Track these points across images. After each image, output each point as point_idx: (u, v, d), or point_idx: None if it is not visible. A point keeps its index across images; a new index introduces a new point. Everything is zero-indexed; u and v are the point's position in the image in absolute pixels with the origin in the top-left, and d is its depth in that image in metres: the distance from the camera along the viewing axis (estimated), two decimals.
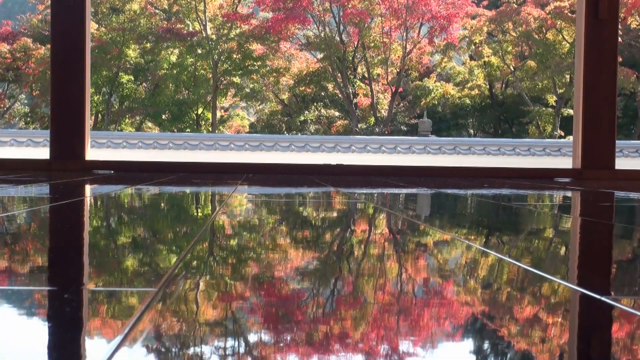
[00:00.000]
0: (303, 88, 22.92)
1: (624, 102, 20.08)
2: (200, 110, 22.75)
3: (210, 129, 22.18)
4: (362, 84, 22.36)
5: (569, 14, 18.79)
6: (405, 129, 22.04)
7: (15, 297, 0.96)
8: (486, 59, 21.88)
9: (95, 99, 21.37)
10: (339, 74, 22.06)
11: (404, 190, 3.55)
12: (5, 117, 23.04)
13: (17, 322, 0.85)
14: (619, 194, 3.46)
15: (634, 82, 19.49)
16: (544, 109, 21.92)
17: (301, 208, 2.59)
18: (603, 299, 0.98)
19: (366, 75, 22.08)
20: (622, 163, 4.89)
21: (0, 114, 22.82)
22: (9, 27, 23.23)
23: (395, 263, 1.40)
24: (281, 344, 0.76)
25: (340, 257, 1.48)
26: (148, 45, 22.05)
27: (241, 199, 2.83)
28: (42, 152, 5.00)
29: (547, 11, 19.65)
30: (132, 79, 22.41)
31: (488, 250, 1.53)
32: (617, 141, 4.82)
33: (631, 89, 19.76)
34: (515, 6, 20.35)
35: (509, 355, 0.75)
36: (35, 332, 0.81)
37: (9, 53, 21.79)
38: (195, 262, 1.28)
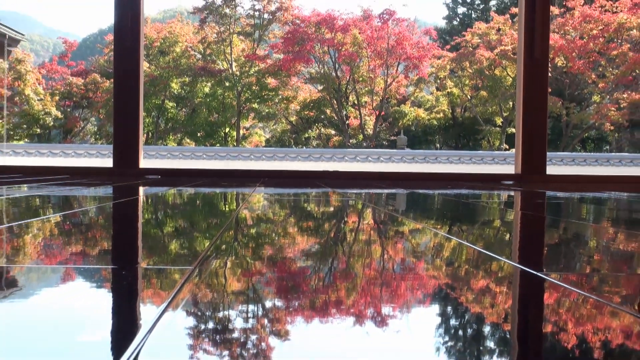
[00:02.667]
0: (307, 112, 22.92)
1: (552, 123, 20.06)
2: (227, 129, 22.76)
3: (235, 143, 22.19)
4: (352, 109, 22.35)
5: (512, 55, 18.80)
6: (386, 143, 22.03)
7: (88, 273, 0.96)
8: (449, 90, 21.90)
9: (147, 120, 21.40)
10: (335, 101, 22.07)
11: (385, 191, 3.55)
12: (80, 135, 23.08)
13: (89, 292, 0.85)
14: (549, 193, 3.46)
15: (559, 107, 19.49)
16: (493, 128, 21.91)
17: (305, 204, 2.60)
18: (537, 274, 0.98)
19: (356, 102, 22.06)
20: (551, 169, 4.90)
21: (76, 132, 22.84)
22: (82, 66, 23.29)
23: (379, 246, 1.40)
24: (291, 309, 0.76)
25: (336, 242, 1.48)
26: (187, 79, 22.08)
27: (259, 197, 2.83)
28: (107, 162, 5.00)
29: (495, 53, 19.65)
30: (175, 105, 22.42)
31: (450, 236, 1.53)
32: (547, 153, 4.83)
33: (557, 113, 19.75)
34: (471, 49, 20.35)
35: (466, 317, 0.75)
36: (103, 300, 0.81)
37: (83, 86, 21.84)
38: (223, 246, 1.28)
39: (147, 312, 0.70)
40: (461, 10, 30.66)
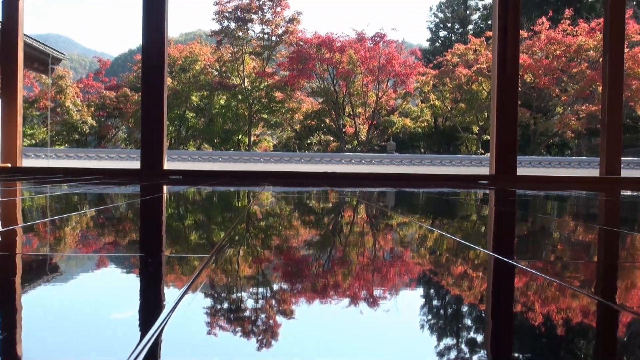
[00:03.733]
0: (309, 121, 22.90)
1: (522, 131, 20.04)
2: (240, 136, 22.74)
3: (246, 148, 22.18)
4: (348, 119, 22.33)
5: (487, 72, 18.79)
6: (377, 148, 22.02)
7: (118, 261, 0.96)
8: (432, 102, 21.87)
9: (170, 128, 21.41)
10: (333, 112, 22.04)
11: (377, 189, 3.55)
12: (112, 141, 23.09)
13: (120, 277, 0.85)
14: (519, 191, 3.46)
15: (528, 117, 19.48)
16: (470, 135, 21.90)
17: (308, 200, 2.60)
18: (509, 261, 0.98)
19: (351, 113, 22.05)
20: (520, 171, 4.90)
21: (109, 138, 22.86)
22: (114, 81, 23.31)
23: (371, 237, 1.40)
24: (294, 290, 0.76)
25: (334, 233, 1.48)
26: (205, 93, 22.07)
27: (267, 195, 2.83)
28: (135, 164, 5.00)
29: (472, 70, 19.63)
30: (194, 115, 22.42)
31: (433, 228, 1.53)
32: (517, 156, 4.83)
33: (526, 122, 19.73)
34: (451, 67, 20.33)
35: (447, 298, 0.75)
36: (132, 283, 0.81)
37: (115, 98, 21.86)
38: (236, 236, 1.28)
39: (170, 294, 0.70)
40: (442, 33, 30.67)
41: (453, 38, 28.77)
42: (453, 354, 0.51)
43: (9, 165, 4.98)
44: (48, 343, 0.51)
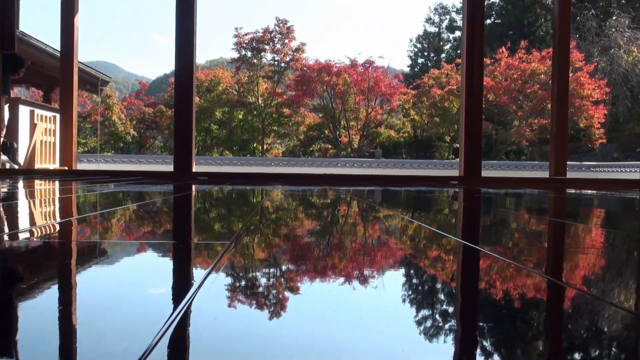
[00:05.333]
0: (311, 132, 22.87)
1: (485, 140, 19.97)
2: (255, 144, 22.73)
3: (260, 154, 22.18)
4: (343, 130, 22.30)
5: (456, 92, 18.76)
6: (367, 154, 21.95)
7: (155, 247, 0.96)
8: (412, 117, 21.84)
9: (197, 138, 21.38)
10: (331, 125, 22.03)
11: (366, 188, 3.55)
12: (150, 148, 23.06)
13: (156, 260, 0.85)
14: (484, 190, 3.45)
15: (490, 129, 19.43)
16: (443, 144, 21.88)
17: (310, 197, 2.60)
18: (475, 247, 0.98)
19: (346, 125, 22.03)
20: (484, 173, 4.90)
21: (148, 146, 22.84)
22: (152, 99, 23.31)
23: (362, 227, 1.40)
24: (299, 270, 0.76)
25: (332, 223, 1.48)
26: (226, 109, 22.05)
27: (277, 192, 2.83)
28: (169, 167, 5.00)
29: (445, 91, 19.61)
30: (218, 127, 22.40)
31: (413, 220, 1.53)
32: (482, 161, 4.82)
33: (489, 133, 19.69)
34: (428, 88, 20.31)
35: (424, 276, 0.75)
36: (166, 265, 0.81)
37: (152, 114, 21.86)
38: (252, 226, 1.28)
39: (197, 274, 0.70)
40: (420, 60, 30.68)
41: (429, 64, 28.73)
42: (429, 322, 0.51)
43: (66, 168, 4.98)
44: (97, 316, 0.51)
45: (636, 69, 20.78)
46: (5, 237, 0.98)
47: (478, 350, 0.43)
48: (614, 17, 21.94)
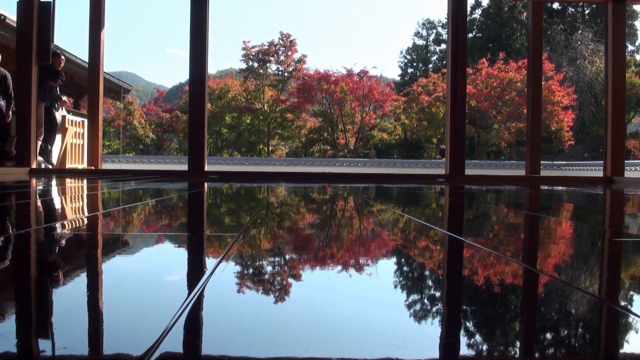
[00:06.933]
0: (312, 135, 22.80)
1: (468, 142, 19.90)
2: (261, 146, 22.70)
3: (266, 155, 22.16)
4: (341, 133, 22.25)
5: (443, 99, 18.72)
6: (362, 155, 21.93)
7: (172, 239, 0.96)
8: (402, 121, 21.79)
9: (209, 141, 21.35)
10: (330, 128, 21.98)
11: (362, 185, 3.55)
12: (167, 150, 23.04)
13: (172, 250, 0.85)
14: (467, 186, 3.45)
15: (473, 132, 19.38)
16: (431, 145, 21.85)
17: (311, 193, 2.60)
18: (459, 237, 0.98)
19: (343, 129, 21.99)
20: (468, 171, 4.90)
21: (165, 148, 22.82)
22: (169, 106, 23.26)
23: (357, 220, 1.40)
24: (301, 259, 0.75)
25: (331, 217, 1.48)
26: (235, 114, 22.01)
27: (281, 189, 2.83)
28: (184, 167, 5.00)
29: (432, 97, 19.58)
30: (227, 131, 22.37)
31: (403, 214, 1.53)
32: (465, 160, 4.82)
33: (472, 135, 19.64)
34: (417, 95, 20.25)
35: (413, 264, 0.75)
36: (181, 255, 0.81)
37: (169, 119, 21.83)
38: (258, 220, 1.28)
39: (209, 262, 0.70)
40: (410, 70, 30.62)
41: (418, 74, 28.66)
42: (418, 306, 0.51)
43: (93, 167, 4.98)
44: (121, 300, 0.51)
45: (599, 78, 20.80)
46: (42, 230, 0.97)
47: (462, 331, 0.43)
48: (579, 31, 21.94)
